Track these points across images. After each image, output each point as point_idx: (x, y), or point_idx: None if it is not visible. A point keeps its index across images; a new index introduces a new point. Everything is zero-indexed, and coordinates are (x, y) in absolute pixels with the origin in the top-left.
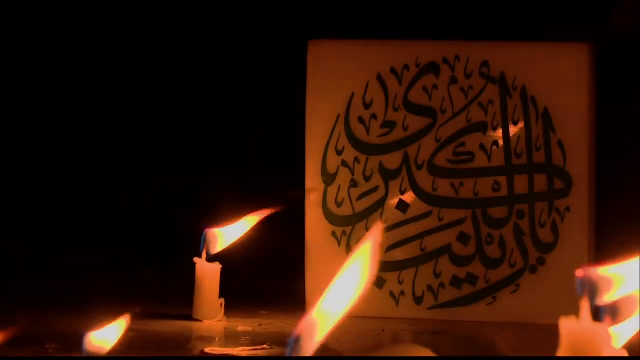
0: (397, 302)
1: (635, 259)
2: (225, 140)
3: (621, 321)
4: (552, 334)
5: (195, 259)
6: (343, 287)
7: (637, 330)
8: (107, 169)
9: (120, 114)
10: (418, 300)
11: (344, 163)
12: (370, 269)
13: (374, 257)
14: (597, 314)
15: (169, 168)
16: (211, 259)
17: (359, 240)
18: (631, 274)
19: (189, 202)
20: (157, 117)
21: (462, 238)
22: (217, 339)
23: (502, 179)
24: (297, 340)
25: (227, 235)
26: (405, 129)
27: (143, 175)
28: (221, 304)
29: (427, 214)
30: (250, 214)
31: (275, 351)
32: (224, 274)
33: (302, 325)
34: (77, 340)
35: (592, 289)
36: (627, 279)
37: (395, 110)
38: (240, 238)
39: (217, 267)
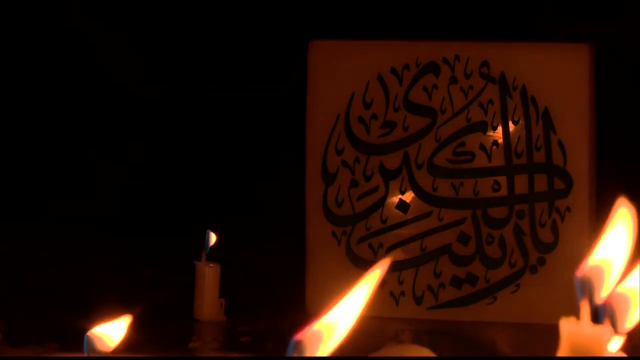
0: (397, 302)
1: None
2: (225, 141)
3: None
4: (552, 334)
5: (196, 262)
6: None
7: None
8: (107, 168)
9: (118, 115)
10: (418, 300)
11: (344, 163)
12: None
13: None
14: (597, 315)
15: (169, 168)
16: (211, 258)
17: (358, 239)
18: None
19: (189, 202)
20: (156, 119)
21: (462, 238)
22: (217, 339)
23: (502, 179)
24: (297, 345)
25: None
26: (405, 129)
27: (143, 175)
28: (221, 304)
29: (427, 214)
30: None
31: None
32: (224, 274)
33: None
34: (78, 339)
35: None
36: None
37: (395, 110)
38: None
39: (217, 267)
